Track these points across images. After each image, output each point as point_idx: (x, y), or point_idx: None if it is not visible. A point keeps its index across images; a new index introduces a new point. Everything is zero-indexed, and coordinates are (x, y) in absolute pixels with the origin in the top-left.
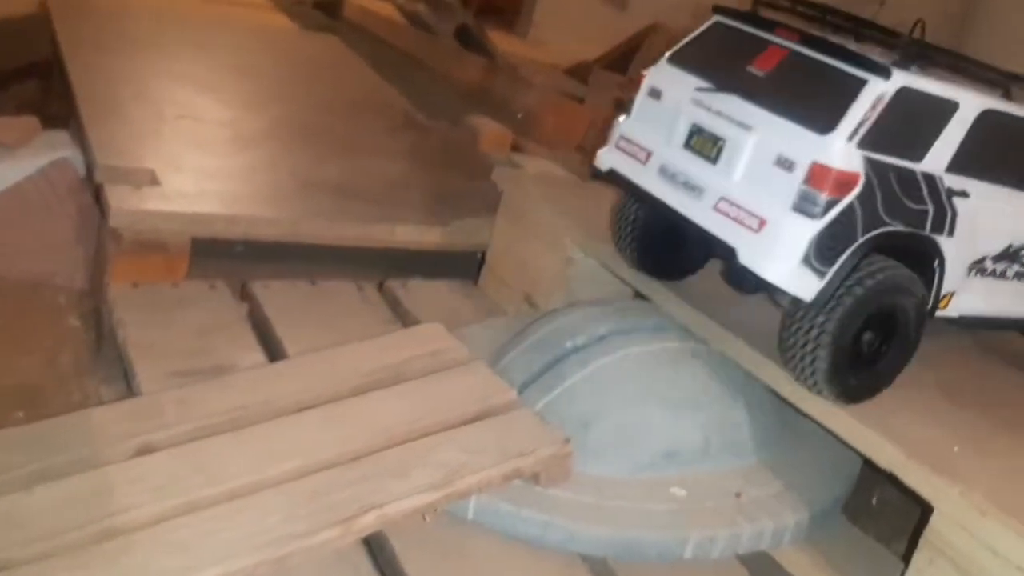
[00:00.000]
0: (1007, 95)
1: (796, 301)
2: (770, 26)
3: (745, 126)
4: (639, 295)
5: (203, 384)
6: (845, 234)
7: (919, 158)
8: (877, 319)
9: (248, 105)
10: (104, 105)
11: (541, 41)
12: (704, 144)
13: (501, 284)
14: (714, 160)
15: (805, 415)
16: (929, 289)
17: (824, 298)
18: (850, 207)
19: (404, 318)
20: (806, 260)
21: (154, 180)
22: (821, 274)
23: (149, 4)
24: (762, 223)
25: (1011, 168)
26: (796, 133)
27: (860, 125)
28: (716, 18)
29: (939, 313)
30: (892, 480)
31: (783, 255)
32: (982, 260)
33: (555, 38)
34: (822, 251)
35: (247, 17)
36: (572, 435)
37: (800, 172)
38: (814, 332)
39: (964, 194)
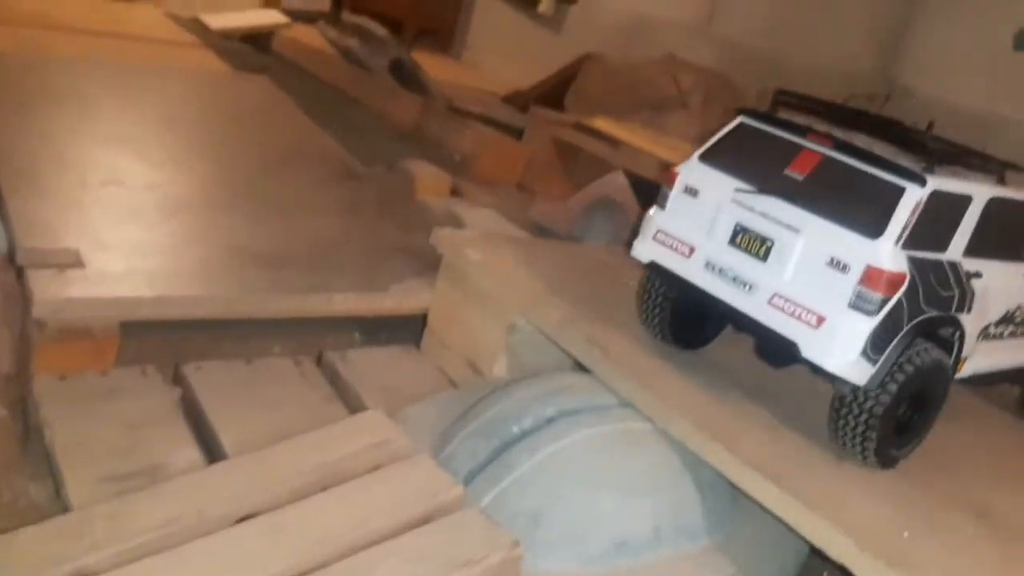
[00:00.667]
0: (1002, 180)
1: (849, 385)
2: (801, 131)
3: (793, 228)
4: (581, 366)
5: (134, 496)
6: (894, 326)
7: (944, 248)
8: (915, 394)
9: (176, 163)
10: (24, 173)
11: (475, 63)
12: (751, 243)
13: (443, 348)
14: (763, 258)
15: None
16: (951, 359)
17: (876, 382)
18: (899, 302)
19: (344, 393)
20: (864, 352)
21: (78, 261)
22: (874, 362)
23: (70, 51)
24: (820, 319)
25: (1008, 244)
26: (845, 237)
27: (904, 229)
28: (741, 119)
29: (956, 376)
30: None
31: (844, 349)
32: (987, 327)
33: (489, 60)
34: (876, 342)
35: (174, 57)
36: (522, 530)
37: (855, 274)
38: (865, 414)
39: (979, 275)
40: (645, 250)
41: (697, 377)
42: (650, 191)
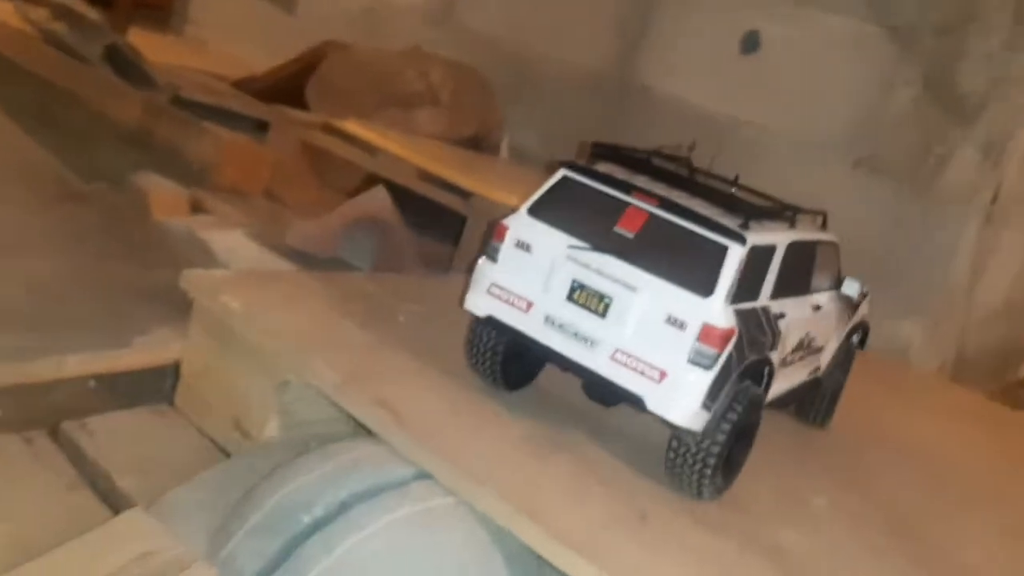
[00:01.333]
0: (793, 223)
1: (690, 433)
2: (626, 187)
3: (629, 286)
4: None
5: None
6: (726, 375)
7: (757, 296)
8: (740, 430)
9: None
10: None
11: (199, 40)
12: (589, 299)
13: (203, 406)
14: (602, 314)
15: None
16: (764, 393)
17: (712, 427)
18: (730, 354)
19: (92, 475)
20: (703, 403)
21: None
22: (710, 409)
23: None
24: (663, 374)
25: (799, 280)
26: (679, 295)
27: (731, 286)
28: (564, 173)
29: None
30: None
31: (687, 402)
32: (785, 357)
33: (215, 37)
34: (712, 392)
35: None
36: None
37: (692, 331)
38: (703, 455)
39: (783, 315)
40: (481, 304)
41: (498, 431)
42: (416, 205)
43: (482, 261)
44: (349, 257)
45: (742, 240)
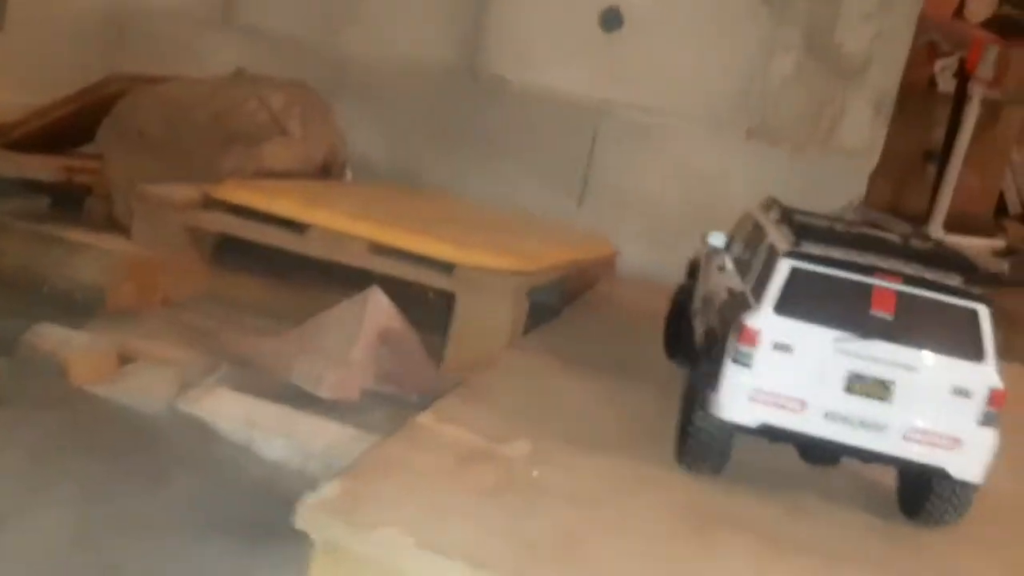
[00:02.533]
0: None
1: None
2: (867, 270)
3: (909, 367)
4: None
5: None
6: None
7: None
8: None
9: None
10: None
11: None
12: (870, 388)
13: None
14: (886, 399)
15: None
16: None
17: None
18: None
19: None
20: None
21: None
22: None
23: None
24: (956, 441)
25: None
26: (958, 366)
27: (995, 347)
28: (792, 264)
29: None
30: None
31: (985, 461)
32: None
33: None
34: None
35: None
36: None
37: (979, 396)
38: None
39: None
40: (747, 413)
41: None
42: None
43: (733, 369)
44: (375, 385)
45: (988, 301)
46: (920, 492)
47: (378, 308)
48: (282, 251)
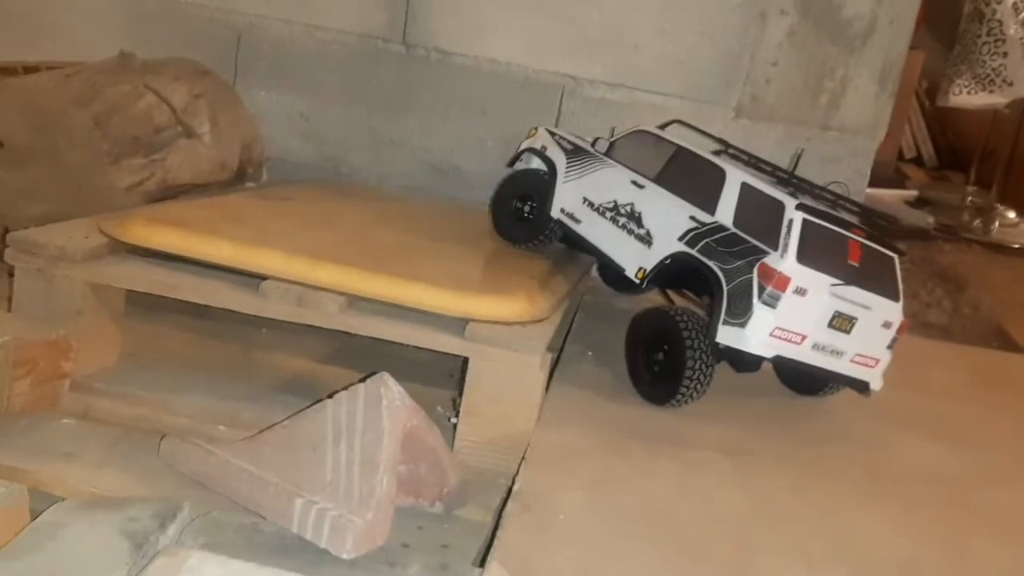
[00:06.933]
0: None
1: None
2: (847, 225)
3: (866, 307)
4: None
5: None
6: None
7: None
8: None
9: None
10: None
11: None
12: (842, 323)
13: None
14: (848, 332)
15: None
16: None
17: None
18: None
19: None
20: None
21: None
22: None
23: None
24: (876, 361)
25: None
26: (886, 304)
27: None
28: (803, 216)
29: None
30: None
31: (882, 375)
32: None
33: None
34: None
35: None
36: None
37: (894, 327)
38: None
39: None
40: (767, 346)
41: None
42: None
43: (762, 310)
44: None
45: (902, 252)
46: (817, 386)
47: (395, 405)
48: None
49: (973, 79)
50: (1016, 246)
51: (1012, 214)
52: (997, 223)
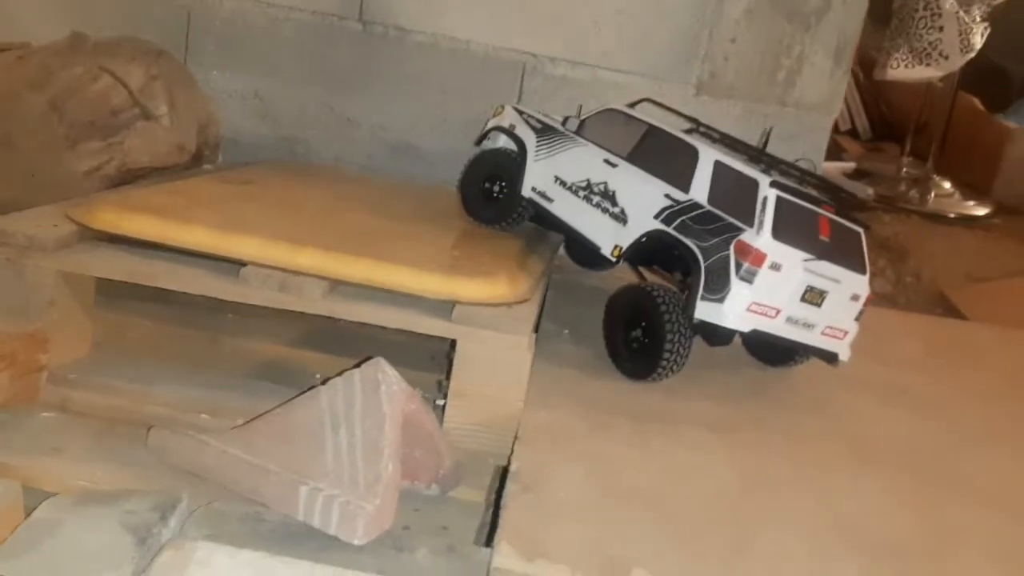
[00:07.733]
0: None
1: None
2: (818, 201)
3: (836, 281)
4: None
5: None
6: None
7: None
8: None
9: None
10: None
11: None
12: (814, 297)
13: None
14: (819, 305)
15: None
16: None
17: None
18: None
19: None
20: None
21: None
22: None
23: None
24: (845, 333)
25: None
26: (854, 277)
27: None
28: (777, 193)
29: None
30: None
31: (850, 346)
32: None
33: None
34: None
35: None
36: None
37: (861, 300)
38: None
39: None
40: (743, 321)
41: None
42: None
43: (739, 286)
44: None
45: (867, 226)
46: (786, 357)
47: (392, 390)
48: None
49: (910, 53)
50: (952, 215)
51: (947, 184)
52: (933, 193)
